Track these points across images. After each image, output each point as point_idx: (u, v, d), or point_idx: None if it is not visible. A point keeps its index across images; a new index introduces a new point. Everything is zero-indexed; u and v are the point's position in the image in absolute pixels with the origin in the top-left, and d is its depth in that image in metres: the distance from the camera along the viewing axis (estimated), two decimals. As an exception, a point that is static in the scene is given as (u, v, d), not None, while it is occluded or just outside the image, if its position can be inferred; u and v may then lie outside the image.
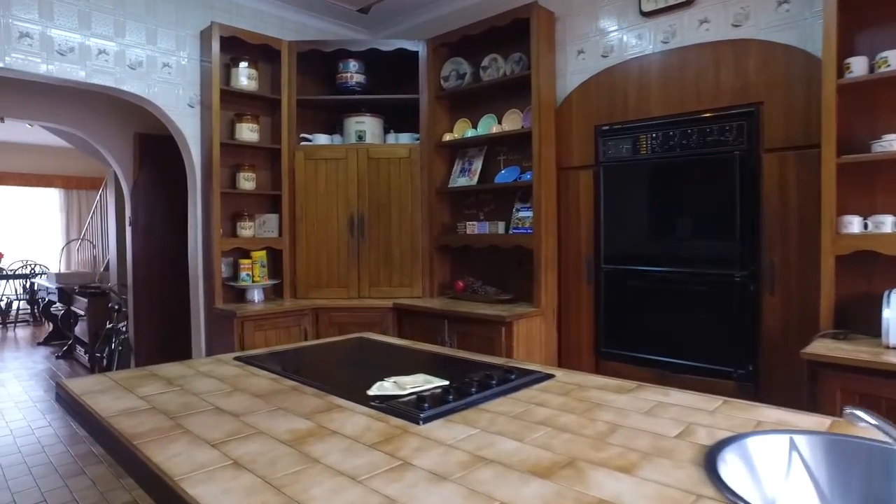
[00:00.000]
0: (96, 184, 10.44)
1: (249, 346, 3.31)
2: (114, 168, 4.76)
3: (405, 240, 3.85)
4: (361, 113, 3.99)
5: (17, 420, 4.53)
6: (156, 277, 4.71)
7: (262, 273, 3.66)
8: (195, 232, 3.68)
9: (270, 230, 3.85)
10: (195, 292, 3.70)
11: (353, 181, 3.84)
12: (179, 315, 4.80)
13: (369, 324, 3.64)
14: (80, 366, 6.34)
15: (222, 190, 3.56)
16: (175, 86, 3.55)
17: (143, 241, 4.66)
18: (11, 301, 9.20)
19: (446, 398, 1.47)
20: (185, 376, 1.76)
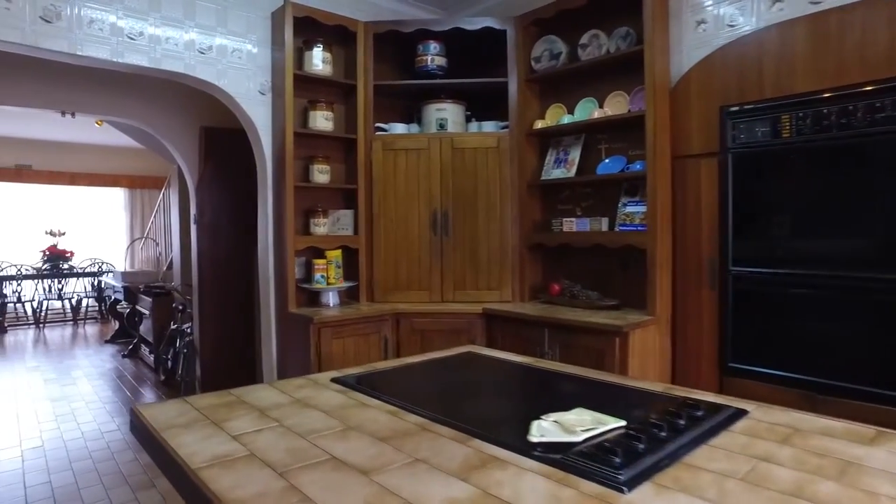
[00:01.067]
0: (159, 183, 10.51)
1: (327, 355, 3.01)
2: (179, 163, 4.58)
3: (493, 238, 3.48)
4: (442, 99, 3.64)
5: (88, 422, 4.40)
6: (221, 277, 4.49)
7: (338, 274, 3.36)
8: (265, 229, 3.41)
9: (345, 227, 3.54)
10: (265, 294, 3.43)
11: (436, 173, 3.49)
12: (245, 317, 4.58)
13: (455, 331, 3.28)
14: (145, 366, 6.25)
15: (295, 184, 3.27)
16: (245, 72, 3.29)
17: (208, 239, 4.46)
18: (81, 298, 9.32)
19: (636, 447, 1.09)
20: (279, 405, 1.43)
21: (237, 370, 4.57)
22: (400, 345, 3.31)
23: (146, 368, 6.15)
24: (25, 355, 7.00)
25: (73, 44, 2.73)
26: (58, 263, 9.07)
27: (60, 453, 3.82)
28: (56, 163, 9.68)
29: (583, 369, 1.81)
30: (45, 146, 9.53)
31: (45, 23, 2.65)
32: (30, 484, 3.36)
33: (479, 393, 1.68)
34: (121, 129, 5.57)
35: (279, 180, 3.30)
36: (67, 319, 9.32)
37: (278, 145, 3.31)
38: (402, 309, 3.31)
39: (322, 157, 3.41)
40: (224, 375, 4.52)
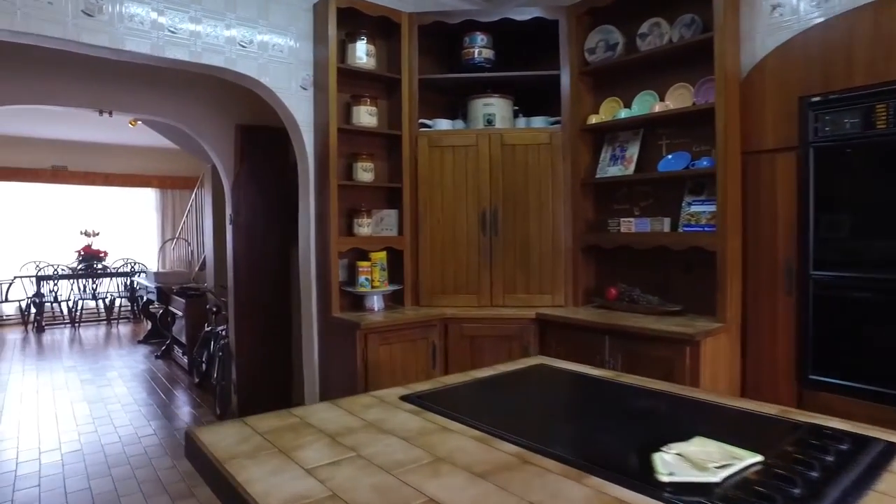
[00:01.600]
0: (189, 183, 10.53)
1: (373, 363, 2.86)
2: (215, 162, 4.48)
3: (545, 239, 3.30)
4: (489, 94, 3.47)
5: (125, 425, 4.33)
6: (257, 279, 4.39)
7: (382, 277, 3.21)
8: (307, 229, 3.28)
9: (389, 228, 3.40)
10: (307, 298, 3.30)
11: (485, 171, 3.32)
12: (282, 320, 4.47)
13: (506, 338, 3.11)
14: (179, 367, 6.20)
15: (338, 182, 3.12)
16: (286, 66, 3.16)
17: (244, 240, 4.35)
18: (114, 298, 9.37)
19: (791, 493, 0.91)
20: (351, 430, 1.27)
21: (274, 374, 4.46)
22: (448, 352, 3.15)
23: (179, 370, 6.10)
24: (62, 354, 7.02)
25: (114, 38, 2.62)
26: (92, 263, 9.12)
27: (98, 457, 3.75)
28: (90, 164, 9.75)
29: (674, 386, 1.63)
30: (80, 147, 9.60)
31: (87, 17, 2.55)
32: (70, 490, 3.29)
33: (570, 414, 1.50)
34: (155, 129, 5.51)
35: (322, 179, 3.17)
36: (101, 319, 9.38)
37: (321, 142, 3.18)
38: (451, 314, 3.15)
39: (366, 155, 3.26)
40: (260, 380, 4.41)
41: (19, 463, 3.69)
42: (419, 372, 3.05)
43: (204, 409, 4.72)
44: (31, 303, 8.65)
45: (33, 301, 8.63)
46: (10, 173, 9.12)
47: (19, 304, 8.87)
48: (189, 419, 4.52)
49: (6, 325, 9.04)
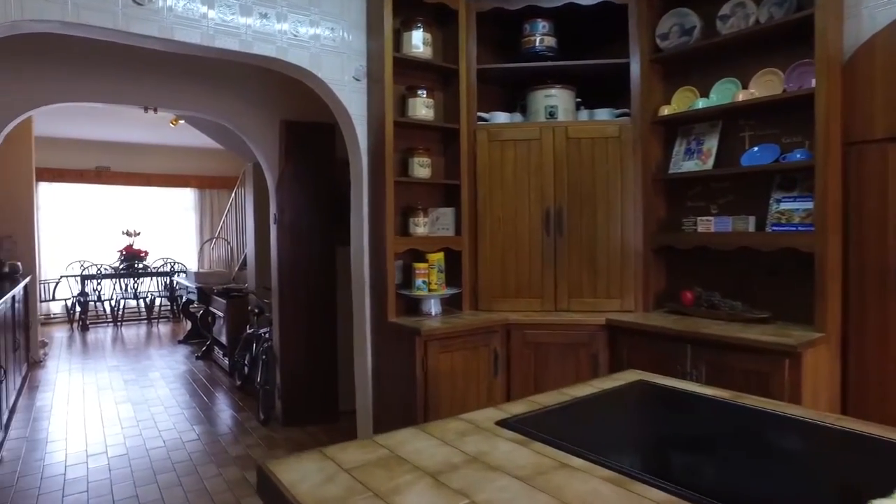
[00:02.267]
0: (228, 183, 10.55)
1: (433, 371, 2.67)
2: (258, 159, 4.36)
3: (613, 239, 3.06)
4: (550, 84, 3.24)
5: (169, 429, 4.24)
6: (302, 280, 4.24)
7: (440, 279, 3.02)
8: (360, 229, 3.11)
9: (445, 227, 3.20)
10: (360, 302, 3.12)
11: (549, 166, 3.10)
12: (328, 324, 4.32)
13: (573, 345, 2.89)
14: (220, 369, 6.12)
15: (394, 178, 2.94)
16: (339, 55, 2.99)
17: (289, 241, 4.21)
18: (154, 298, 9.41)
19: None
20: (453, 465, 1.08)
21: (319, 379, 4.31)
22: (511, 360, 2.94)
23: (220, 372, 6.03)
24: (106, 354, 7.03)
25: (163, 28, 2.49)
26: (133, 263, 9.18)
27: (144, 462, 3.65)
28: (132, 164, 9.82)
29: (815, 413, 1.39)
30: (123, 148, 9.68)
31: (137, 6, 2.42)
32: (118, 497, 3.19)
33: (706, 448, 1.27)
34: (198, 127, 5.43)
35: (376, 175, 2.99)
36: (142, 318, 9.43)
37: (375, 136, 3.00)
38: (514, 319, 2.94)
39: (422, 150, 3.08)
40: (305, 385, 4.27)
41: (68, 466, 3.62)
42: (480, 381, 2.85)
43: (247, 414, 4.60)
44: (76, 302, 8.74)
45: (78, 300, 8.72)
46: (57, 174, 9.24)
47: (65, 302, 8.98)
48: (232, 423, 4.41)
49: (53, 324, 9.16)
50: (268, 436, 4.09)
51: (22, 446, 3.98)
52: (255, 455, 3.74)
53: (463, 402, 2.78)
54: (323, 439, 4.04)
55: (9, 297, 4.66)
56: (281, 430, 4.19)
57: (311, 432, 4.15)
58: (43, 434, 4.20)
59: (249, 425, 4.33)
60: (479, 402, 2.84)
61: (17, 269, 6.23)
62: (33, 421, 4.51)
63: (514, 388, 2.94)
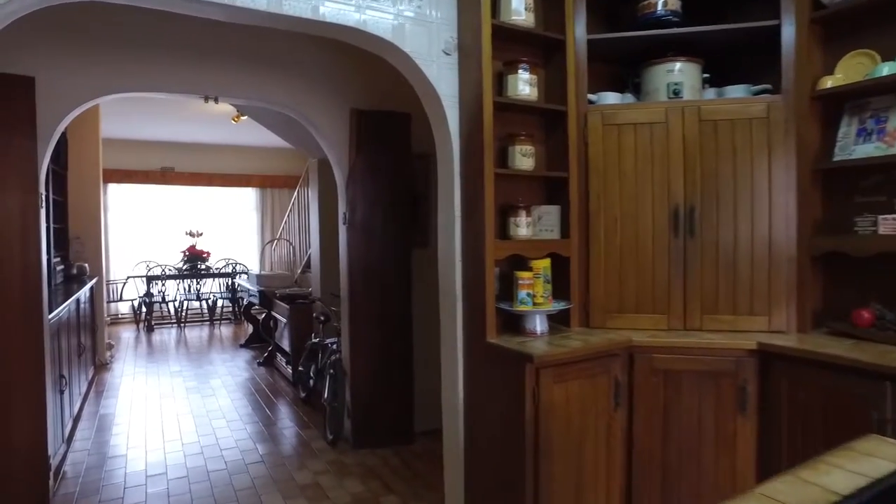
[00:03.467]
0: (288, 182, 10.37)
1: (546, 405, 2.17)
2: (326, 153, 3.97)
3: (759, 242, 2.48)
4: (673, 58, 2.69)
5: (231, 449, 3.91)
6: (375, 287, 3.82)
7: (546, 291, 2.51)
8: (450, 231, 2.65)
9: (549, 229, 2.70)
10: (450, 317, 2.66)
11: (677, 155, 2.55)
12: (403, 336, 3.89)
13: (714, 374, 2.34)
14: (282, 377, 5.82)
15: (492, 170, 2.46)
16: (426, 26, 2.53)
17: (360, 243, 3.80)
18: (216, 299, 9.30)
19: None
20: None
21: (393, 398, 3.89)
22: (634, 390, 2.41)
23: (283, 381, 5.72)
24: (169, 357, 6.88)
25: (226, -7, 2.09)
26: (196, 264, 9.08)
27: (204, 489, 3.32)
28: (195, 164, 9.77)
29: None
30: (186, 148, 9.64)
31: (195, -33, 2.03)
32: (173, 534, 2.84)
33: None
34: (260, 121, 5.12)
35: (471, 166, 2.51)
36: (204, 320, 9.33)
37: (469, 120, 2.53)
38: (640, 341, 2.41)
39: (524, 136, 2.58)
40: (377, 403, 3.85)
41: (126, 489, 3.33)
42: (599, 417, 2.33)
43: (313, 432, 4.23)
44: (142, 302, 8.71)
45: (144, 301, 8.67)
46: (125, 175, 9.27)
47: (132, 303, 8.97)
48: (297, 443, 4.04)
49: (121, 323, 9.18)
50: (337, 460, 3.69)
51: (84, 461, 3.73)
52: (325, 484, 3.34)
53: (579, 443, 2.27)
54: (397, 465, 3.61)
55: (72, 301, 4.46)
56: (351, 454, 3.78)
57: (383, 456, 3.73)
58: (105, 448, 3.95)
59: (316, 446, 3.95)
60: (596, 443, 2.32)
61: (85, 270, 6.13)
62: (97, 431, 4.28)
63: (639, 425, 2.40)
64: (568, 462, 2.25)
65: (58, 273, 5.44)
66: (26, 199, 2.95)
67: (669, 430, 2.39)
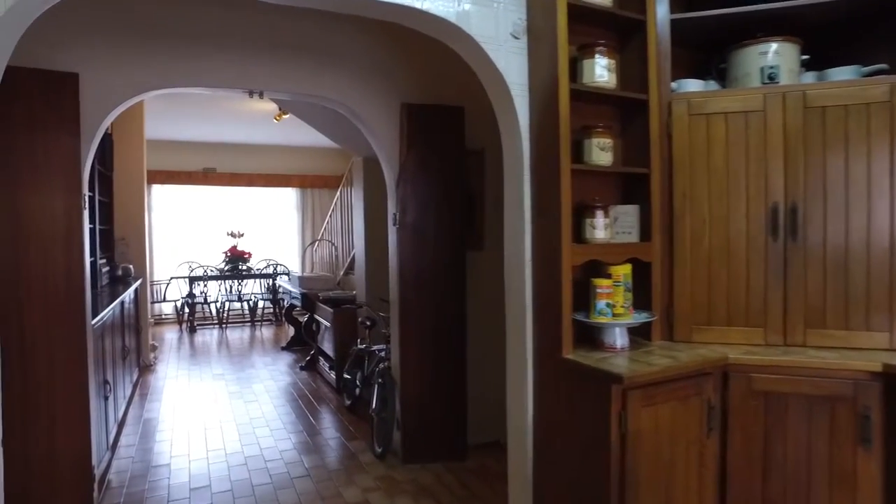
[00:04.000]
0: (329, 182, 10.28)
1: (634, 433, 1.91)
2: (375, 150, 3.77)
3: (877, 248, 2.17)
4: (765, 39, 2.38)
5: (275, 461, 3.75)
6: (427, 292, 3.61)
7: (627, 301, 2.25)
8: (518, 233, 2.40)
9: (627, 231, 2.42)
10: (517, 328, 2.42)
11: (777, 147, 2.25)
12: (457, 344, 3.66)
13: (826, 399, 2.03)
14: (325, 383, 5.66)
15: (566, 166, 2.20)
16: (491, 6, 2.30)
17: (411, 245, 3.59)
18: (258, 300, 9.25)
19: None
20: None
21: (446, 409, 3.67)
22: (729, 414, 2.12)
23: (326, 386, 5.56)
24: (211, 359, 6.82)
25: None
26: (237, 265, 9.04)
27: (248, 503, 3.15)
28: (236, 165, 9.77)
29: None
30: (228, 148, 9.64)
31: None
32: (218, 555, 2.68)
33: None
34: (304, 118, 4.96)
35: (543, 161, 2.27)
36: (246, 321, 9.30)
37: (541, 110, 2.28)
38: (736, 358, 2.12)
39: (602, 128, 2.32)
40: (430, 418, 3.64)
41: (171, 502, 3.18)
42: (690, 445, 2.06)
43: (360, 443, 4.04)
44: (185, 303, 8.71)
45: (186, 301, 8.68)
46: (168, 176, 9.31)
47: (175, 303, 8.99)
48: (344, 455, 3.85)
49: (165, 324, 9.23)
50: (386, 475, 3.49)
51: (128, 469, 3.63)
52: (375, 502, 3.14)
53: (668, 474, 2.00)
54: (451, 482, 3.38)
55: (117, 304, 4.39)
56: (401, 469, 3.57)
57: (436, 472, 3.51)
58: (149, 456, 3.85)
59: (364, 459, 3.75)
60: (687, 475, 2.04)
61: (130, 271, 6.10)
62: (141, 437, 4.19)
63: (735, 455, 2.12)
64: (656, 496, 1.98)
65: (103, 275, 5.41)
66: (70, 200, 2.83)
67: (771, 463, 2.09)
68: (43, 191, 2.76)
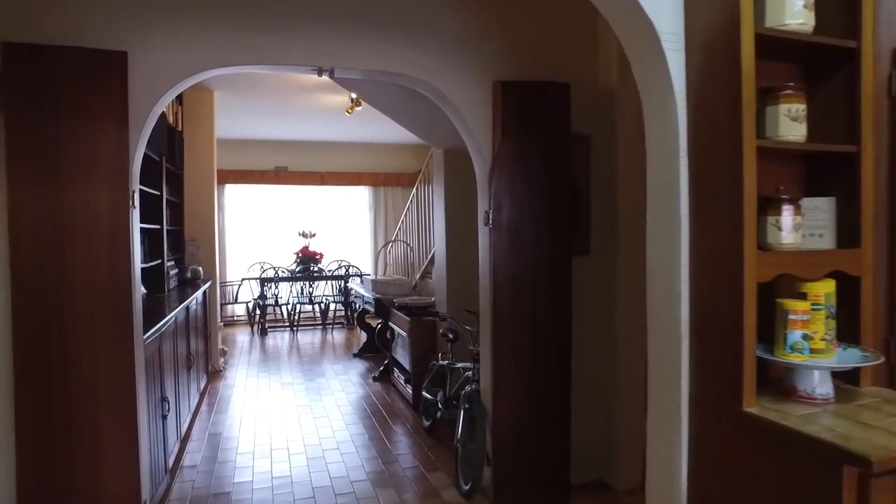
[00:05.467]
0: (402, 180, 9.89)
1: (874, 538, 1.26)
2: (464, 137, 3.23)
3: None
4: None
5: (347, 494, 3.29)
6: (526, 304, 3.03)
7: (830, 332, 1.59)
8: (668, 238, 1.79)
9: (817, 232, 1.76)
10: (667, 363, 1.80)
11: None
12: (560, 367, 3.07)
13: None
14: (400, 397, 5.19)
15: (739, 145, 1.57)
16: (631, -65, 1.69)
17: (508, 248, 3.02)
18: (329, 303, 8.96)
19: None
20: None
21: (546, 443, 3.08)
22: None
23: (402, 402, 5.08)
24: (281, 365, 6.52)
25: None
26: (309, 266, 8.77)
27: (317, 551, 2.69)
28: (308, 163, 9.54)
29: None
30: (299, 146, 9.42)
31: None
32: None
33: None
34: (379, 107, 4.50)
35: (711, 137, 1.64)
36: (317, 324, 9.03)
37: (707, 66, 1.65)
38: None
39: (792, 91, 1.66)
40: (527, 452, 3.06)
41: (226, 541, 2.78)
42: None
43: (441, 475, 3.52)
44: (256, 305, 8.53)
45: (257, 303, 8.50)
46: (241, 175, 9.19)
47: (246, 305, 8.84)
48: (424, 490, 3.34)
49: (236, 325, 9.12)
50: (476, 521, 2.95)
51: (188, 495, 3.27)
52: (465, 560, 2.60)
53: None
54: (553, 536, 2.80)
55: (181, 309, 4.08)
56: (492, 513, 3.03)
57: (534, 520, 2.94)
58: (210, 480, 3.49)
59: (447, 497, 3.22)
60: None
61: (199, 274, 5.87)
62: (204, 457, 3.85)
63: None
64: None
65: (171, 277, 5.17)
66: (116, 197, 2.45)
67: None
68: (86, 186, 2.39)
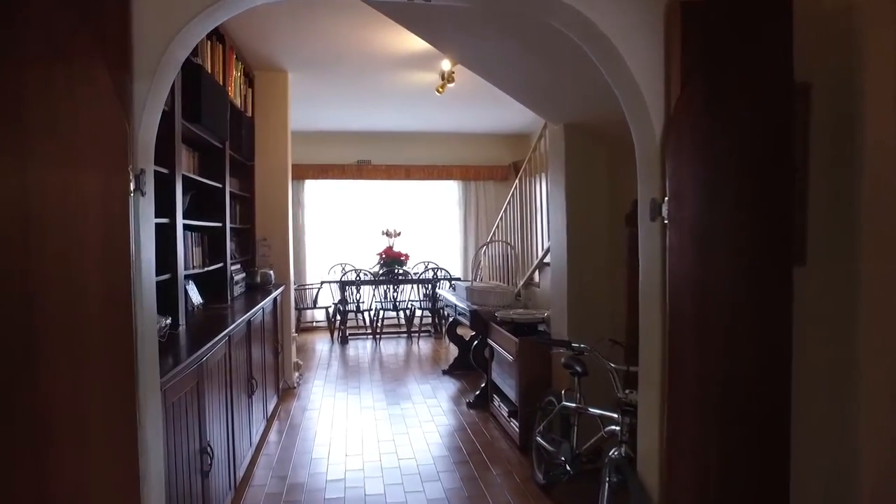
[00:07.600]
0: (494, 173, 8.95)
1: None
2: (618, 92, 2.19)
3: None
4: None
5: None
6: (719, 339, 1.96)
7: None
8: None
9: None
10: None
11: None
12: (772, 431, 1.97)
13: None
14: (503, 434, 4.21)
15: None
16: None
17: (691, 255, 1.97)
18: (415, 308, 8.12)
19: None
20: None
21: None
22: None
23: (504, 440, 4.10)
24: (362, 383, 5.73)
25: None
26: (393, 268, 7.96)
27: None
28: (392, 156, 8.77)
29: None
30: (383, 138, 8.67)
31: None
32: None
33: None
34: (481, 72, 3.51)
35: None
36: (401, 332, 8.21)
37: None
38: None
39: None
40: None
41: None
42: None
43: (575, 572, 2.51)
44: (336, 310, 7.84)
45: (337, 308, 7.80)
46: (320, 170, 8.56)
47: (326, 309, 8.17)
48: None
49: (316, 331, 8.50)
50: None
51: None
52: None
53: None
54: None
55: (241, 324, 3.34)
56: None
57: None
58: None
59: None
60: None
61: (270, 278, 5.16)
62: (267, 496, 3.07)
63: None
64: None
65: (237, 283, 4.48)
66: (111, 179, 1.63)
67: None
68: (62, 161, 1.59)
